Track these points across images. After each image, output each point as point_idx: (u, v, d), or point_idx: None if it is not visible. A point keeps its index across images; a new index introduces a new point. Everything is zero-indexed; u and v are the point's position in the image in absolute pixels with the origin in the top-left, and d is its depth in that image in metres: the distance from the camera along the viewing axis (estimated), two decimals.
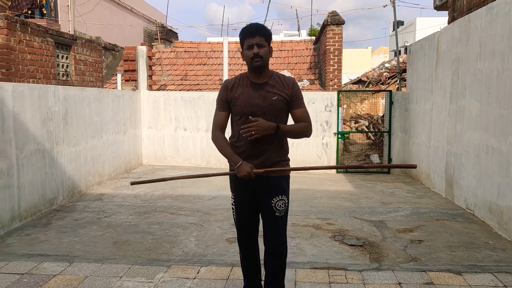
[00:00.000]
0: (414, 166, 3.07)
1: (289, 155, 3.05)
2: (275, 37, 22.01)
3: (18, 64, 7.26)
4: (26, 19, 8.68)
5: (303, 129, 2.93)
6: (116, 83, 11.33)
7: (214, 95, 9.49)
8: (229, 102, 2.92)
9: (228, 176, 3.02)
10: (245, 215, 3.00)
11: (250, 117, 2.79)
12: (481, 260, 4.11)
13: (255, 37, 2.80)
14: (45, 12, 11.77)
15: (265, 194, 2.90)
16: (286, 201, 2.94)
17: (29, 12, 10.71)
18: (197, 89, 11.19)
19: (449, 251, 4.35)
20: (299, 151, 9.00)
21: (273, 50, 3.01)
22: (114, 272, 3.84)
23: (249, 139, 2.78)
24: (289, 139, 3.08)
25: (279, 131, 2.82)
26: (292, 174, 3.19)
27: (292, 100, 2.91)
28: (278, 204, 2.89)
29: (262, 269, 3.17)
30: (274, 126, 2.80)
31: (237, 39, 3.05)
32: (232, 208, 3.08)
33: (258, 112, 2.81)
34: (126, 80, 9.69)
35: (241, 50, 2.93)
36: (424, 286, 3.55)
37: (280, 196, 2.90)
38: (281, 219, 2.92)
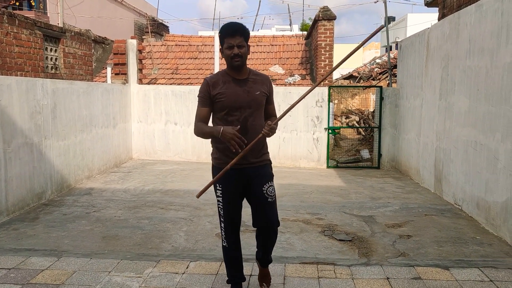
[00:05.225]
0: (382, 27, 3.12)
1: (280, 151, 3.26)
2: (266, 32, 21.97)
3: (6, 56, 7.17)
4: (14, 11, 8.56)
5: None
6: (106, 76, 11.24)
7: None
8: (211, 99, 3.05)
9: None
10: (234, 206, 3.13)
11: (269, 121, 2.98)
12: (468, 255, 4.16)
13: (235, 37, 2.94)
14: (33, 4, 11.61)
15: (256, 182, 3.06)
16: (274, 186, 3.15)
17: (17, 3, 10.56)
18: (188, 83, 11.14)
19: (437, 246, 4.39)
20: (290, 146, 9.00)
21: (251, 47, 3.19)
22: (103, 267, 3.82)
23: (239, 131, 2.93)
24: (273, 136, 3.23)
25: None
26: (283, 169, 3.29)
27: (269, 96, 3.17)
28: (269, 190, 3.08)
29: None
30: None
31: None
32: (218, 201, 3.16)
33: (243, 106, 3.01)
34: (116, 74, 9.61)
35: (220, 46, 3.07)
36: (411, 281, 3.58)
37: (269, 182, 3.10)
38: (273, 204, 3.10)
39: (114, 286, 3.47)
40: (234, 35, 2.94)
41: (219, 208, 3.17)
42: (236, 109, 3.00)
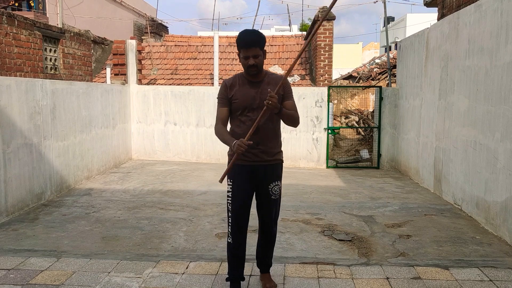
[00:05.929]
0: None
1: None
2: (266, 32, 21.97)
3: (5, 57, 7.17)
4: (13, 12, 8.55)
5: (296, 116, 3.26)
6: (105, 77, 11.24)
7: (204, 90, 9.46)
8: (229, 99, 3.22)
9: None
10: (243, 202, 3.21)
11: (269, 89, 3.04)
12: (468, 255, 4.16)
13: (250, 48, 3.08)
14: (32, 4, 11.61)
15: (263, 180, 3.22)
16: (280, 185, 3.31)
17: (16, 4, 10.56)
18: (187, 84, 11.14)
19: (436, 246, 4.39)
20: (289, 146, 9.01)
21: (265, 46, 3.25)
22: (103, 267, 3.82)
23: (249, 128, 3.05)
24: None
25: (282, 110, 3.10)
26: (283, 168, 3.38)
27: (284, 94, 3.25)
28: (274, 189, 3.25)
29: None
30: (280, 106, 3.07)
31: (228, 33, 3.31)
32: (228, 196, 3.24)
33: (256, 107, 3.13)
34: (115, 74, 9.60)
35: (237, 51, 3.21)
36: (411, 281, 3.58)
37: (276, 182, 3.26)
38: (275, 201, 3.29)
39: (113, 286, 3.47)
40: (249, 46, 3.07)
41: (228, 204, 3.25)
42: (248, 110, 3.15)
